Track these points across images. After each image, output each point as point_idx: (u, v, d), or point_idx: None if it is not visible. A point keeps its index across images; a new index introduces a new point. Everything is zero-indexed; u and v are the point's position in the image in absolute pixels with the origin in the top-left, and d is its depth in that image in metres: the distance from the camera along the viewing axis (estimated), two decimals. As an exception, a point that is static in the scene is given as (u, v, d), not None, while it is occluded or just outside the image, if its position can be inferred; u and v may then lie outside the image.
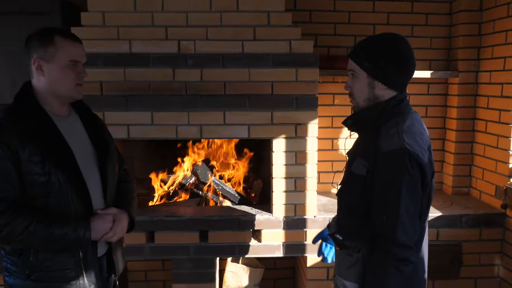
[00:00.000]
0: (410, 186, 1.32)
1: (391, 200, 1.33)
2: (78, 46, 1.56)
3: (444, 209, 2.68)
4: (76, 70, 1.55)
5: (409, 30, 2.94)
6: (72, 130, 1.61)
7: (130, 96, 2.39)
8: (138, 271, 3.09)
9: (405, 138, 1.34)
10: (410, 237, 1.32)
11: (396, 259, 1.32)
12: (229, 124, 2.43)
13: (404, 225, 1.31)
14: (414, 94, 3.00)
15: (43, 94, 1.54)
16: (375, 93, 1.44)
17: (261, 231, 2.53)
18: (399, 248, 1.31)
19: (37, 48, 1.49)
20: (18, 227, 1.40)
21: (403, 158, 1.31)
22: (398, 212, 1.31)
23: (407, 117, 1.41)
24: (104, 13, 2.37)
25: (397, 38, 1.45)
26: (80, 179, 1.53)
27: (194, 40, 2.38)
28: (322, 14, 2.89)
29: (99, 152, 1.66)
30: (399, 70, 1.42)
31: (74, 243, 1.49)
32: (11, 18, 2.50)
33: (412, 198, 1.33)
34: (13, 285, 1.52)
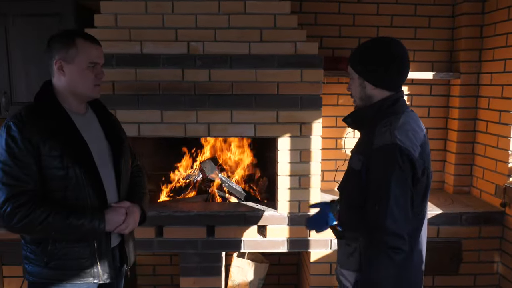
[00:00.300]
0: (400, 179, 1.40)
1: (382, 192, 1.41)
2: (98, 49, 1.65)
3: (445, 207, 2.75)
4: (95, 71, 1.64)
5: (412, 32, 3.01)
6: (88, 127, 1.70)
7: (141, 95, 2.48)
8: (147, 265, 3.18)
9: (397, 134, 1.43)
10: (400, 226, 1.40)
11: (387, 247, 1.39)
12: (236, 123, 2.52)
13: (394, 215, 1.39)
14: (416, 95, 3.07)
15: (63, 93, 1.64)
16: (367, 93, 1.56)
17: (266, 226, 2.61)
18: (390, 237, 1.39)
19: (59, 49, 1.58)
20: (37, 218, 1.48)
21: (394, 152, 1.40)
22: (388, 203, 1.39)
23: (401, 115, 1.50)
24: (116, 15, 2.46)
25: (389, 41, 1.55)
26: (96, 174, 1.62)
27: (202, 41, 2.47)
28: (327, 16, 2.97)
29: (113, 148, 1.75)
30: (388, 72, 1.51)
31: (89, 233, 1.58)
32: (27, 19, 2.60)
33: (402, 190, 1.41)
34: (32, 272, 1.61)
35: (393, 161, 1.40)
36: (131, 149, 1.96)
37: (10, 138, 1.50)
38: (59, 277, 1.60)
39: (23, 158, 1.50)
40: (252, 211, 2.60)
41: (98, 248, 1.64)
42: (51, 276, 1.60)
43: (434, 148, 3.13)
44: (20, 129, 1.50)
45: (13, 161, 1.49)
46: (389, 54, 1.51)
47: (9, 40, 2.61)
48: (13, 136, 1.50)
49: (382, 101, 1.54)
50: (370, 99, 1.56)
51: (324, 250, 2.64)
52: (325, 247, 2.63)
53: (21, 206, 1.48)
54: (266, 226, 2.61)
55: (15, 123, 1.51)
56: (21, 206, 1.48)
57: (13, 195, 1.48)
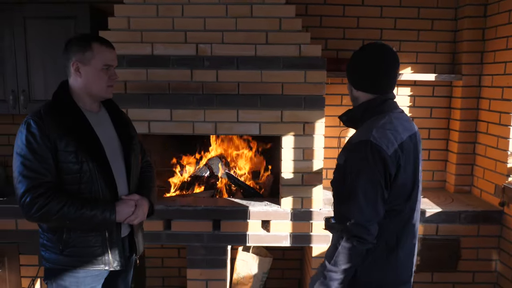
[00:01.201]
0: (369, 174, 1.49)
1: (351, 186, 1.51)
2: (112, 52, 1.77)
3: (445, 205, 2.82)
4: (109, 73, 1.76)
5: (415, 34, 3.08)
6: (101, 124, 1.82)
7: (152, 94, 2.60)
8: (155, 257, 3.31)
9: (373, 132, 1.52)
10: (365, 217, 1.49)
11: (351, 235, 1.50)
12: (242, 122, 2.62)
13: (361, 207, 1.49)
14: (419, 96, 3.15)
15: (78, 92, 1.76)
16: (354, 94, 1.70)
17: (270, 221, 2.71)
18: (354, 226, 1.49)
19: (76, 52, 1.70)
20: (54, 208, 1.60)
21: (366, 148, 1.50)
22: (356, 195, 1.50)
23: (386, 115, 1.59)
24: (129, 18, 2.59)
25: (368, 48, 1.64)
26: (108, 168, 1.74)
27: (210, 43, 2.58)
28: (332, 19, 3.06)
29: (124, 144, 1.87)
30: (363, 77, 1.63)
31: (101, 223, 1.69)
32: (45, 21, 2.74)
33: (371, 185, 1.50)
34: (48, 259, 1.74)
35: (364, 157, 1.50)
36: (141, 145, 2.08)
37: (30, 134, 1.62)
38: (73, 263, 1.72)
39: (42, 152, 1.62)
40: (256, 206, 2.71)
41: (109, 238, 1.75)
42: (66, 263, 1.72)
43: (436, 148, 3.20)
44: (39, 126, 1.63)
45: (33, 155, 1.61)
46: (366, 62, 1.62)
47: (28, 41, 2.75)
48: (33, 132, 1.62)
49: (368, 102, 1.63)
50: (357, 100, 1.68)
51: (325, 245, 2.73)
52: (327, 242, 2.72)
53: (39, 197, 1.60)
54: (269, 221, 2.71)
55: (35, 120, 1.64)
56: (40, 196, 1.60)
57: (33, 187, 1.60)
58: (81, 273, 1.74)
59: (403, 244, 1.62)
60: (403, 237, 1.62)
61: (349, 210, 1.52)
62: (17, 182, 1.62)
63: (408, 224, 1.63)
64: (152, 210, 1.94)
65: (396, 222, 1.59)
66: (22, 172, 1.61)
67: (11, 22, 2.72)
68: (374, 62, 1.60)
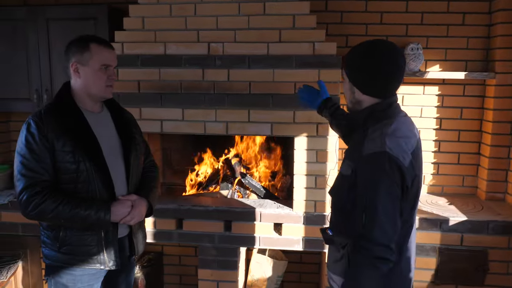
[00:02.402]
0: (388, 188, 1.37)
1: (370, 201, 1.38)
2: (110, 52, 1.78)
3: (472, 214, 2.62)
4: (107, 73, 1.77)
5: (445, 30, 2.88)
6: (101, 124, 1.84)
7: (164, 94, 2.61)
8: (173, 255, 3.33)
9: (387, 142, 1.40)
10: (388, 237, 1.37)
11: (374, 257, 1.37)
12: (253, 122, 2.57)
13: (382, 225, 1.36)
14: (448, 95, 2.94)
15: (79, 93, 1.79)
16: (356, 98, 1.53)
17: (282, 225, 2.64)
18: (377, 247, 1.36)
19: (75, 53, 1.73)
20: (49, 206, 1.64)
21: (383, 160, 1.37)
22: (376, 213, 1.36)
23: (394, 121, 1.47)
24: (143, 18, 2.61)
25: (376, 46, 1.48)
26: (105, 168, 1.76)
27: (222, 42, 2.55)
28: (353, 15, 2.92)
29: (124, 144, 1.88)
30: (374, 80, 1.47)
31: (95, 223, 1.71)
32: (66, 23, 2.83)
33: (390, 199, 1.38)
34: (47, 255, 1.79)
35: (382, 169, 1.37)
36: (147, 145, 2.09)
37: (30, 134, 1.67)
38: (70, 261, 1.75)
39: (40, 152, 1.66)
40: (268, 208, 2.65)
41: (105, 237, 1.77)
42: (63, 260, 1.76)
43: (466, 152, 2.99)
44: (38, 126, 1.67)
45: (31, 155, 1.66)
46: (376, 63, 1.45)
47: (51, 42, 2.86)
48: (32, 132, 1.67)
49: (373, 106, 1.50)
50: (360, 104, 1.53)
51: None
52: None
53: (36, 195, 1.64)
54: (282, 224, 2.65)
55: (35, 121, 1.69)
56: (36, 194, 1.64)
57: (30, 185, 1.64)
58: (77, 271, 1.77)
59: (405, 255, 1.54)
60: (406, 248, 1.54)
61: (365, 229, 1.39)
62: (16, 180, 1.68)
63: (410, 234, 1.55)
64: (151, 211, 1.93)
65: (401, 233, 1.48)
66: (21, 171, 1.66)
67: (35, 24, 2.83)
68: (389, 65, 1.44)
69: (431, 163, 3.02)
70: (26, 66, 2.90)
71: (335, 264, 1.61)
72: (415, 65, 2.79)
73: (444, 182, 3.03)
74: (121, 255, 1.85)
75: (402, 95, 2.96)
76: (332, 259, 1.65)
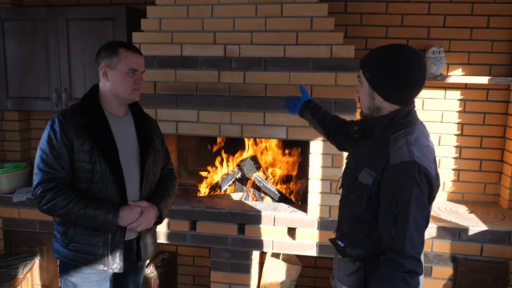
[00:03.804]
0: (419, 199, 1.34)
1: (400, 213, 1.34)
2: (138, 57, 1.81)
3: (493, 223, 2.53)
4: (134, 77, 1.80)
5: (468, 33, 2.79)
6: (123, 128, 1.86)
7: (180, 95, 2.61)
8: (187, 255, 3.34)
9: (414, 151, 1.37)
10: (417, 249, 1.35)
11: (404, 271, 1.34)
12: (269, 125, 2.55)
13: (413, 237, 1.34)
14: (470, 100, 2.86)
15: (106, 96, 1.83)
16: (375, 104, 1.48)
17: (296, 229, 2.61)
18: (407, 260, 1.34)
19: (104, 57, 1.78)
20: (60, 203, 1.67)
21: (413, 170, 1.34)
22: (407, 225, 1.33)
23: (415, 128, 1.44)
24: (160, 19, 2.61)
25: (399, 51, 1.43)
26: (119, 171, 1.77)
27: (239, 44, 2.52)
28: (373, 16, 2.86)
29: (142, 150, 1.89)
30: (401, 89, 1.42)
31: (102, 225, 1.72)
32: (85, 23, 2.85)
33: (420, 211, 1.35)
34: (57, 250, 1.83)
35: (412, 180, 1.34)
36: (167, 153, 2.09)
37: (52, 131, 1.72)
38: (76, 259, 1.77)
39: (59, 149, 1.70)
40: (282, 212, 2.62)
41: (111, 239, 1.78)
42: (69, 257, 1.78)
43: (489, 158, 2.89)
44: (61, 124, 1.72)
45: (50, 151, 1.70)
46: (405, 70, 1.39)
47: (70, 42, 2.89)
48: (55, 129, 1.71)
49: (395, 113, 1.46)
50: (379, 110, 1.48)
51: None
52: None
53: (49, 190, 1.67)
54: (295, 228, 2.61)
55: (59, 118, 1.74)
56: (50, 190, 1.67)
57: (45, 180, 1.68)
58: (85, 269, 1.79)
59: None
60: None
61: (395, 242, 1.35)
62: (34, 174, 1.73)
63: None
64: (161, 219, 1.92)
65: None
66: (39, 165, 1.71)
67: (55, 24, 2.87)
68: (416, 72, 1.40)
69: (451, 169, 2.94)
70: (46, 66, 2.94)
71: (349, 277, 1.56)
72: (436, 68, 2.71)
73: (464, 190, 2.94)
74: (127, 258, 1.86)
75: (423, 100, 2.89)
76: (344, 272, 1.59)
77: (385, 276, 1.37)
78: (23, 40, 2.97)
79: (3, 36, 2.98)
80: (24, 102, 3.06)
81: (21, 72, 3.00)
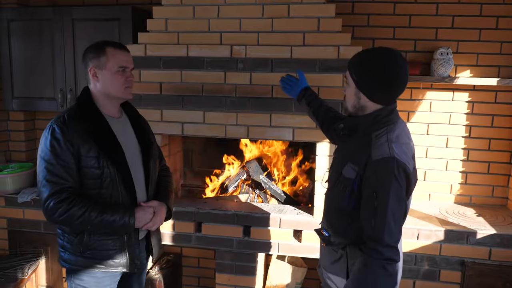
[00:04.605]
0: (397, 192, 1.45)
1: (379, 205, 1.45)
2: (126, 54, 1.78)
3: (502, 227, 2.50)
4: (125, 75, 1.77)
5: (477, 34, 2.76)
6: (122, 130, 1.84)
7: (185, 96, 2.59)
8: (192, 257, 3.32)
9: (394, 148, 1.47)
10: (395, 238, 1.46)
11: (383, 259, 1.45)
12: (275, 126, 2.53)
13: (391, 228, 1.44)
14: (478, 102, 2.83)
15: (98, 97, 1.79)
16: (360, 103, 1.57)
17: (302, 231, 2.59)
18: (385, 248, 1.44)
19: (92, 58, 1.73)
20: (76, 213, 1.64)
21: (392, 166, 1.44)
22: (386, 216, 1.44)
23: (396, 126, 1.55)
24: (167, 20, 2.59)
25: (386, 54, 1.51)
26: (128, 174, 1.76)
27: (245, 45, 2.50)
28: (380, 17, 2.84)
29: (143, 150, 1.88)
30: (382, 87, 1.52)
31: (120, 228, 1.72)
32: (91, 23, 2.85)
33: (398, 203, 1.46)
34: (68, 260, 1.79)
35: (391, 175, 1.44)
36: (159, 150, 2.09)
37: (54, 139, 1.66)
38: (92, 265, 1.76)
39: (65, 157, 1.65)
40: (288, 215, 2.60)
41: (128, 241, 1.78)
42: (85, 264, 1.76)
43: (497, 161, 2.86)
44: (63, 132, 1.66)
45: (56, 160, 1.65)
46: (391, 72, 1.49)
47: (76, 42, 2.88)
48: (57, 138, 1.66)
49: (378, 112, 1.55)
50: (363, 109, 1.58)
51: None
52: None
53: (62, 202, 1.63)
54: (301, 231, 2.59)
55: (59, 126, 1.68)
56: (62, 201, 1.63)
57: (56, 192, 1.64)
58: (99, 274, 1.78)
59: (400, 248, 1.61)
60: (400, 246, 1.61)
61: (374, 232, 1.46)
62: (41, 186, 1.67)
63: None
64: (170, 215, 1.93)
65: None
66: (45, 177, 1.66)
67: (61, 24, 2.87)
68: (399, 74, 1.50)
69: (459, 171, 2.91)
70: (51, 66, 2.94)
71: (333, 265, 1.68)
72: (444, 70, 2.68)
73: (472, 192, 2.91)
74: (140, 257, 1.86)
75: (430, 101, 2.86)
76: (329, 260, 1.71)
77: (366, 263, 1.48)
78: (28, 40, 2.96)
79: (9, 36, 2.98)
80: (30, 103, 3.05)
81: (27, 72, 3.00)
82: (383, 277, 1.45)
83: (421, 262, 2.50)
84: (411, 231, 2.48)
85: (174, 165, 2.95)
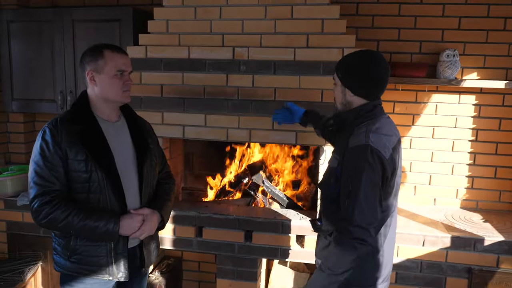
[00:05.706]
0: (370, 176, 1.52)
1: (353, 187, 1.54)
2: (124, 58, 1.74)
3: (510, 233, 2.44)
4: (123, 78, 1.73)
5: (484, 35, 2.71)
6: (117, 134, 1.79)
7: (187, 98, 2.55)
8: (192, 261, 3.28)
9: (370, 137, 1.56)
10: (366, 220, 1.52)
11: (352, 238, 1.52)
12: (278, 130, 2.48)
13: (362, 209, 1.51)
14: (485, 105, 2.77)
15: (96, 101, 1.75)
16: (347, 99, 1.70)
17: (305, 237, 2.54)
18: (355, 228, 1.51)
19: (90, 62, 1.70)
20: (59, 216, 1.61)
21: (366, 151, 1.54)
22: (357, 197, 1.52)
23: (378, 120, 1.65)
24: (168, 21, 2.55)
25: (369, 56, 1.67)
26: (117, 179, 1.71)
27: (248, 47, 2.46)
28: (385, 18, 2.79)
29: (139, 155, 1.83)
30: (365, 84, 1.66)
31: (103, 235, 1.67)
32: (91, 25, 2.81)
33: (371, 186, 1.52)
34: (58, 262, 1.77)
35: (365, 159, 1.53)
36: (163, 156, 2.04)
37: (44, 142, 1.65)
38: (79, 270, 1.72)
39: (53, 160, 1.63)
40: (290, 219, 2.55)
41: (115, 249, 1.73)
42: (72, 269, 1.73)
43: (504, 165, 2.81)
44: (52, 134, 1.64)
45: (44, 163, 1.63)
46: (365, 68, 1.64)
47: (76, 44, 2.85)
48: (46, 140, 1.64)
49: (361, 107, 1.67)
50: (350, 105, 1.70)
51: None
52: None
53: (46, 204, 1.61)
54: (304, 236, 2.54)
55: (50, 128, 1.66)
56: (46, 204, 1.61)
57: (40, 194, 1.62)
58: (88, 280, 1.74)
59: (387, 241, 1.70)
60: (387, 234, 1.69)
61: (349, 212, 1.54)
62: (29, 188, 1.66)
63: (391, 221, 1.70)
64: (163, 225, 1.87)
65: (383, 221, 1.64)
66: (33, 179, 1.64)
67: (61, 26, 2.83)
68: (379, 71, 1.64)
69: (465, 176, 2.85)
70: (51, 68, 2.90)
71: (323, 251, 1.76)
72: (450, 72, 2.63)
73: (479, 197, 2.86)
74: (131, 266, 1.81)
75: (436, 104, 2.81)
76: (320, 247, 1.81)
77: (338, 241, 1.57)
78: (28, 41, 2.93)
79: (9, 38, 2.95)
80: (29, 104, 3.02)
81: (27, 74, 2.97)
82: (351, 255, 1.52)
83: (427, 269, 2.45)
84: (417, 237, 2.43)
85: (175, 168, 2.90)
